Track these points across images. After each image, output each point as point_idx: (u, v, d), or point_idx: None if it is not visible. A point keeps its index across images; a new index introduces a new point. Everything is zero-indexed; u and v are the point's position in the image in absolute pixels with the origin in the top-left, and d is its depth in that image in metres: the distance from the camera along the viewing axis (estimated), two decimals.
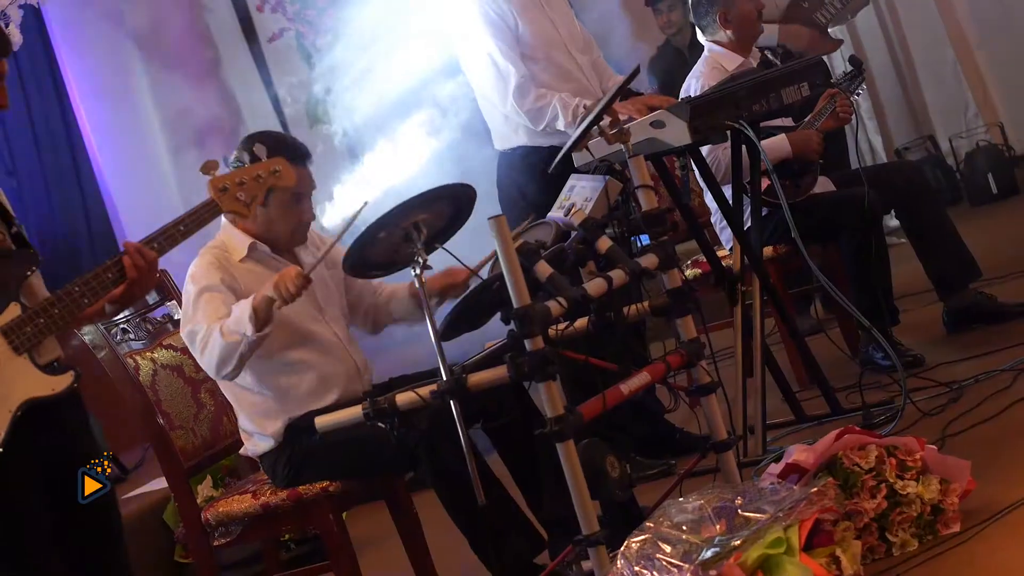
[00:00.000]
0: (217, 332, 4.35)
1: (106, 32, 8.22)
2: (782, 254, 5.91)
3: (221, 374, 4.43)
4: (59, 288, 3.70)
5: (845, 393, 5.32)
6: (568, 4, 5.89)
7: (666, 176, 5.27)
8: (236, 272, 4.55)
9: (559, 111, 5.41)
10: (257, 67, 8.64)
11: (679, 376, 4.31)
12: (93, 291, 3.71)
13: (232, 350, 4.34)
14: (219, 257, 4.58)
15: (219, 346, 4.35)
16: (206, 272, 4.52)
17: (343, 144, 8.28)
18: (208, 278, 4.50)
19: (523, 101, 5.47)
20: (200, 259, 4.58)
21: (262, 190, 4.01)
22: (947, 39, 9.25)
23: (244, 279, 4.54)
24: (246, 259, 4.61)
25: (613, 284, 3.94)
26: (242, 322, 4.31)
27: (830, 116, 5.95)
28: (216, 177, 3.92)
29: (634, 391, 3.99)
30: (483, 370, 3.86)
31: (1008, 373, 5.06)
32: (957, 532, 3.82)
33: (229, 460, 5.63)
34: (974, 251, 5.99)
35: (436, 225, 4.10)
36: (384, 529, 5.17)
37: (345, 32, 7.94)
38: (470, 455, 3.94)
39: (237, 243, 4.63)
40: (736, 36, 6.14)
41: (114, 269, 3.74)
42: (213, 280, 4.49)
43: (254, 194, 3.98)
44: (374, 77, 8.10)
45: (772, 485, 3.79)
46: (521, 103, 5.47)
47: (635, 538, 3.61)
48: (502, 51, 5.50)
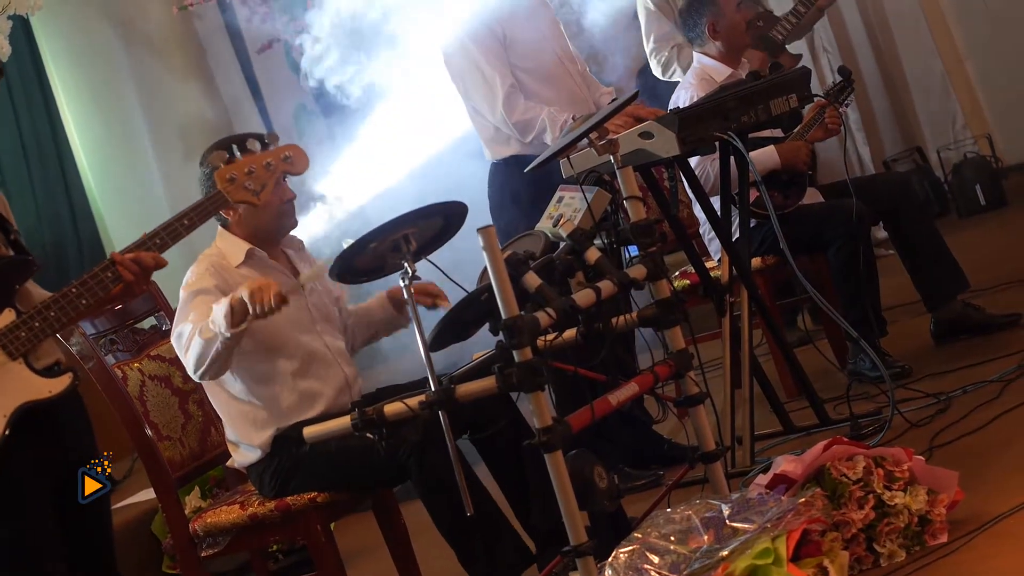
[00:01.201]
0: (197, 331, 4.33)
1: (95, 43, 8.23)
2: (770, 265, 5.92)
3: (198, 373, 4.39)
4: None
5: (833, 404, 5.32)
6: (554, 15, 5.89)
7: (655, 187, 5.28)
8: (232, 278, 4.54)
9: (547, 125, 5.42)
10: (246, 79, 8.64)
11: (667, 387, 4.31)
12: (91, 291, 3.72)
13: (208, 348, 4.30)
14: (215, 264, 4.57)
15: (197, 344, 4.32)
16: (200, 277, 4.51)
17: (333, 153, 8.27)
18: (201, 283, 4.49)
19: (512, 112, 5.47)
20: (197, 266, 4.58)
21: (272, 178, 3.98)
22: (936, 51, 9.26)
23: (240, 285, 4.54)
24: (243, 265, 4.60)
25: (602, 295, 3.94)
26: (218, 319, 4.26)
27: (819, 127, 5.97)
28: (223, 168, 3.90)
29: (623, 402, 4.00)
30: (471, 381, 3.86)
31: (996, 384, 5.06)
32: (945, 543, 3.82)
33: (217, 471, 5.62)
34: (962, 262, 5.99)
35: (425, 237, 4.12)
36: (372, 539, 5.16)
37: (335, 44, 7.92)
38: (458, 466, 3.94)
39: (234, 249, 4.63)
40: (725, 47, 6.15)
41: (112, 268, 3.74)
42: (206, 284, 4.48)
43: (264, 182, 3.96)
44: (363, 88, 8.10)
45: (760, 496, 3.79)
46: (510, 114, 5.47)
47: (623, 549, 3.61)
48: (489, 62, 5.51)
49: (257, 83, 8.65)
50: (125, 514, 6.27)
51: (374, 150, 7.34)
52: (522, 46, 5.57)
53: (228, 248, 4.64)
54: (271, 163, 3.97)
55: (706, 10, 6.14)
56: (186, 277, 4.55)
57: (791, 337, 6.46)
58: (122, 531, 5.95)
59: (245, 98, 8.63)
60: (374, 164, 7.29)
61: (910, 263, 5.99)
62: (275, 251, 4.73)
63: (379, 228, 4.00)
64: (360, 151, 7.48)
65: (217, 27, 8.58)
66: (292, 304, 4.59)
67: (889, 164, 9.12)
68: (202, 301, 4.44)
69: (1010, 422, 4.66)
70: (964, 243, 7.09)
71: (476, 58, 5.53)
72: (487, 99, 5.55)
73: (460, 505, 4.00)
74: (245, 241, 4.64)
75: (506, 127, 5.52)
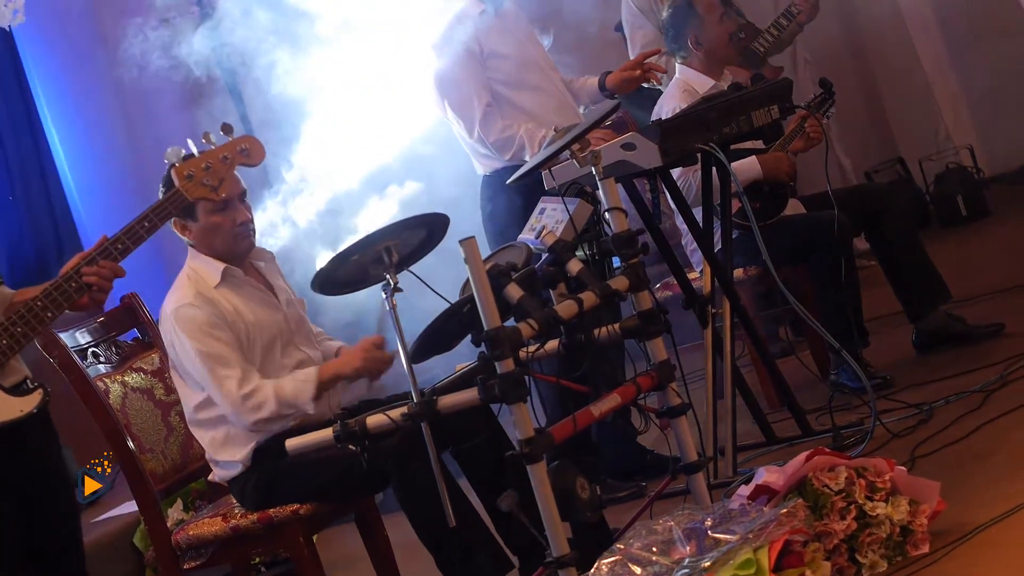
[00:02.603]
0: (273, 400, 4.43)
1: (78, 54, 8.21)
2: (752, 276, 5.93)
3: (257, 427, 4.48)
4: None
5: (815, 415, 5.33)
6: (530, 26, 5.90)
7: (637, 198, 5.28)
8: (216, 300, 4.54)
9: (526, 142, 5.44)
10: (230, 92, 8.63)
11: (650, 398, 4.32)
12: (57, 304, 3.68)
13: (280, 418, 4.46)
14: (199, 292, 4.54)
15: (272, 409, 4.43)
16: (200, 329, 4.48)
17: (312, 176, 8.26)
18: (206, 339, 4.47)
19: (489, 132, 5.50)
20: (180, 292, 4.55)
21: (229, 171, 3.94)
22: (917, 62, 9.29)
23: (224, 307, 4.53)
24: (221, 285, 4.58)
25: (584, 306, 3.94)
26: (304, 397, 4.44)
27: (800, 137, 5.98)
28: (180, 165, 3.86)
29: (605, 413, 4.00)
30: (453, 392, 3.86)
31: (977, 394, 5.08)
32: (926, 553, 3.83)
33: (199, 483, 5.59)
34: (944, 273, 6.01)
35: (406, 249, 4.12)
36: (355, 551, 5.16)
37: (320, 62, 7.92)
38: (440, 478, 3.94)
39: (209, 270, 4.60)
40: (707, 59, 6.15)
41: (76, 279, 3.70)
42: (214, 346, 4.47)
43: (221, 176, 3.92)
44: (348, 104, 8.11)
45: (742, 506, 3.79)
46: (487, 134, 5.49)
47: (605, 560, 3.61)
48: (467, 82, 5.53)
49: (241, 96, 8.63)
50: (107, 526, 6.24)
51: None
52: (502, 60, 5.59)
53: (203, 268, 4.62)
54: (227, 156, 3.94)
55: (689, 22, 6.15)
56: (174, 304, 4.52)
57: (773, 348, 6.47)
58: (104, 543, 5.94)
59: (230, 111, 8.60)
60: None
61: (892, 274, 6.00)
62: (245, 266, 4.72)
63: (362, 240, 4.00)
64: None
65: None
66: (273, 320, 4.61)
67: (871, 175, 9.14)
68: (223, 361, 4.46)
69: (992, 432, 4.67)
70: (946, 254, 7.11)
71: (454, 77, 5.55)
72: (464, 122, 5.58)
73: (441, 512, 3.99)
74: (218, 260, 4.63)
75: (484, 148, 5.54)
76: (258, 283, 4.70)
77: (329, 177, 6.98)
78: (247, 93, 8.46)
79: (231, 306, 4.55)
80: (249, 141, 3.97)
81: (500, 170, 5.60)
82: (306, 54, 6.47)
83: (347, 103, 6.99)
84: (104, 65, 8.24)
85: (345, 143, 7.08)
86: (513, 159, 5.50)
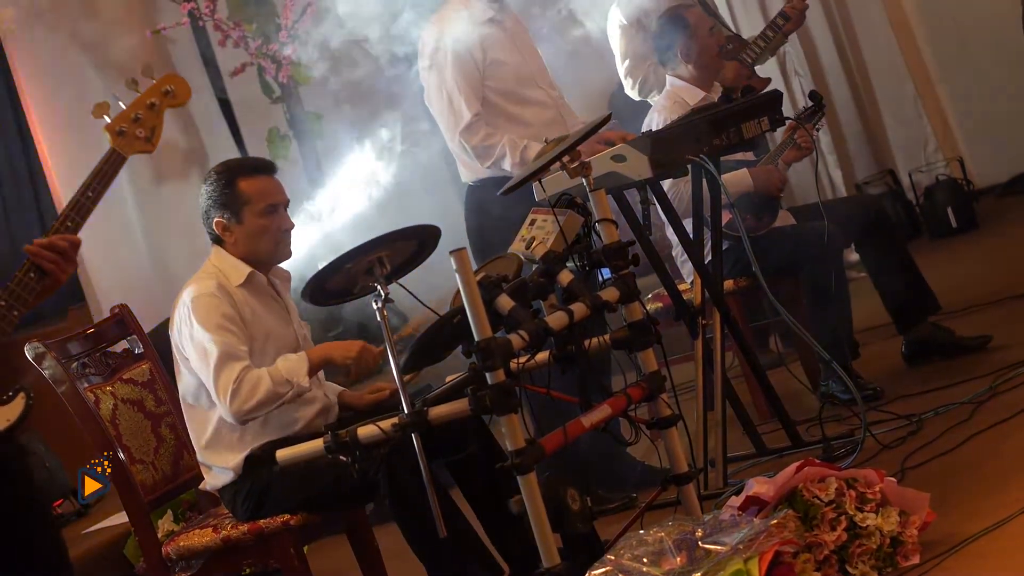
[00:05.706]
0: (269, 379, 4.43)
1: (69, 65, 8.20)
2: (743, 287, 5.93)
3: (247, 416, 4.46)
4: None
5: (805, 426, 5.34)
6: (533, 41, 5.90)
7: (627, 209, 5.28)
8: (236, 298, 4.56)
9: (507, 151, 5.44)
10: (219, 102, 8.63)
11: (640, 409, 4.32)
12: (21, 299, 3.64)
13: (276, 398, 4.43)
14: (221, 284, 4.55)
15: (266, 392, 4.42)
16: (214, 319, 4.48)
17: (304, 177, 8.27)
18: (219, 330, 4.47)
19: (471, 138, 5.49)
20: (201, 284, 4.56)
21: (159, 117, 3.88)
22: (908, 74, 9.30)
23: (243, 306, 4.54)
24: (243, 286, 4.60)
25: (574, 317, 3.95)
26: (298, 374, 4.43)
27: (791, 147, 5.99)
28: (110, 122, 3.80)
29: (595, 424, 4.00)
30: (445, 403, 3.86)
31: (967, 406, 5.09)
32: (916, 564, 3.84)
33: (190, 494, 5.59)
34: (933, 285, 6.02)
35: (397, 260, 4.12)
36: (346, 562, 5.15)
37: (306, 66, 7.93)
38: (431, 489, 3.94)
39: (234, 269, 4.62)
40: (697, 70, 6.16)
41: (34, 270, 3.66)
42: (225, 338, 4.47)
43: (153, 125, 3.85)
44: (336, 109, 8.12)
45: (732, 517, 3.80)
46: (468, 139, 5.48)
47: (596, 571, 3.62)
48: (460, 87, 5.52)
49: (230, 106, 8.64)
50: (98, 537, 6.24)
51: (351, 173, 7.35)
52: (502, 69, 5.58)
53: (227, 267, 4.63)
54: (155, 102, 3.87)
55: (679, 33, 6.15)
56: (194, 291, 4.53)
57: (763, 359, 6.47)
58: (95, 554, 5.93)
59: (218, 121, 8.61)
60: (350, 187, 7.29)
61: (881, 285, 6.01)
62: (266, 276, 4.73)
63: (354, 250, 4.01)
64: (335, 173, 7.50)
65: (190, 51, 8.57)
66: (286, 333, 4.63)
67: (861, 187, 9.15)
68: (232, 336, 4.48)
69: (981, 443, 4.68)
70: (935, 266, 7.12)
71: (448, 81, 5.54)
72: (448, 124, 5.57)
73: (432, 522, 3.99)
74: (245, 263, 4.64)
75: (463, 152, 5.54)
76: (275, 296, 4.72)
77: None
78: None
79: (249, 308, 4.57)
80: (172, 80, 3.88)
81: (487, 178, 5.59)
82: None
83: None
84: (94, 74, 8.24)
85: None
86: (493, 167, 5.50)
